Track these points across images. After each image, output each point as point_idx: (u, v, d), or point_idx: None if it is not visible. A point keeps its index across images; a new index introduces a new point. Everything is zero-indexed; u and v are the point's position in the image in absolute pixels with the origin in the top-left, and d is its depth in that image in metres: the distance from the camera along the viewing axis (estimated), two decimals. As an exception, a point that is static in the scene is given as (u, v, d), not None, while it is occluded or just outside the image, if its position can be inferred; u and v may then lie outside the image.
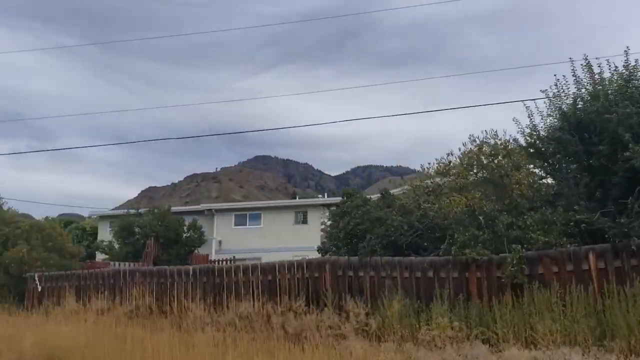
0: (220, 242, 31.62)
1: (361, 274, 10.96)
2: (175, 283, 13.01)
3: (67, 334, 10.37)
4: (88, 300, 13.66)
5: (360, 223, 11.19)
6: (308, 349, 8.44)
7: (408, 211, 10.92)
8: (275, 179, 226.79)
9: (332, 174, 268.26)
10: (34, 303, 14.91)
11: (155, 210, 25.57)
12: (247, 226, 31.73)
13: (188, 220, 27.16)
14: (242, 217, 31.94)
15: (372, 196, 14.79)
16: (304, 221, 31.33)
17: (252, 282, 12.09)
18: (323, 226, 31.96)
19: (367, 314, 9.95)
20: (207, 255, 30.16)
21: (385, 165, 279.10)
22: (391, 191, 12.98)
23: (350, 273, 11.06)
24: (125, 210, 27.93)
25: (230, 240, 31.56)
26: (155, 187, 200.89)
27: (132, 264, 22.00)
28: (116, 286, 13.78)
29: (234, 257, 28.25)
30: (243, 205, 34.60)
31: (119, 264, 21.11)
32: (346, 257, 11.27)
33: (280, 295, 11.61)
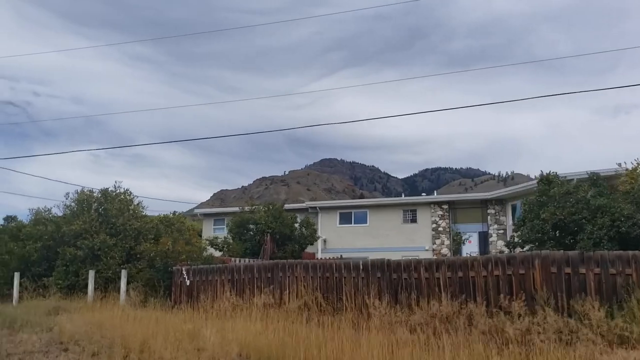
0: (325, 240, 30.71)
1: (582, 270, 9.44)
2: (343, 278, 11.97)
3: (255, 331, 9.49)
4: (245, 295, 12.89)
5: (575, 212, 9.64)
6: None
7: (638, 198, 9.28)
8: (342, 181, 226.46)
9: (400, 177, 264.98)
10: (182, 298, 14.37)
11: (270, 207, 24.94)
12: (353, 225, 30.63)
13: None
14: (347, 215, 30.89)
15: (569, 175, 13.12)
16: (413, 220, 29.88)
17: (438, 279, 10.85)
18: (434, 225, 30.47)
19: (625, 321, 8.41)
20: (314, 253, 29.36)
21: (454, 168, 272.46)
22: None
23: (568, 269, 9.56)
24: (240, 208, 27.54)
25: (334, 239, 30.60)
26: (226, 190, 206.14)
27: (251, 260, 21.43)
28: (274, 280, 12.94)
29: (341, 255, 27.25)
30: (348, 203, 33.51)
31: (240, 260, 20.56)
32: (561, 251, 9.78)
33: (476, 294, 10.29)
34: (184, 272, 14.53)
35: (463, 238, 26.95)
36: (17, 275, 17.26)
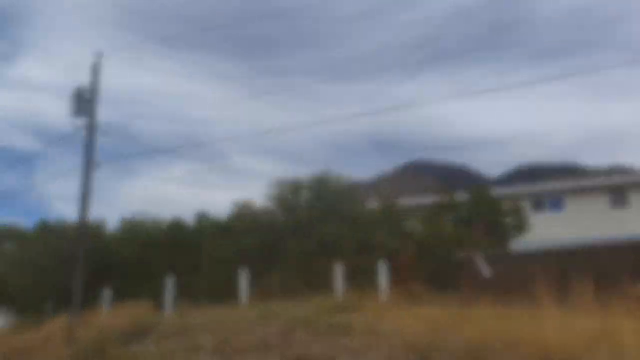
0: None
1: None
2: None
3: None
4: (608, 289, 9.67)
5: None
6: None
7: None
8: (433, 182, 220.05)
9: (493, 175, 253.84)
10: (478, 293, 11.40)
11: (474, 191, 21.71)
12: (546, 213, 26.66)
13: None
14: (538, 202, 26.96)
15: None
16: (623, 205, 25.49)
17: None
18: (653, 209, 25.93)
19: None
20: (505, 247, 25.86)
21: (549, 163, 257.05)
22: None
23: None
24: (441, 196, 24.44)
25: (524, 230, 26.80)
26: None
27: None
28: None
29: (545, 248, 23.49)
30: (537, 188, 29.47)
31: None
32: None
33: None
34: (479, 262, 11.60)
35: None
36: (243, 273, 15.15)
